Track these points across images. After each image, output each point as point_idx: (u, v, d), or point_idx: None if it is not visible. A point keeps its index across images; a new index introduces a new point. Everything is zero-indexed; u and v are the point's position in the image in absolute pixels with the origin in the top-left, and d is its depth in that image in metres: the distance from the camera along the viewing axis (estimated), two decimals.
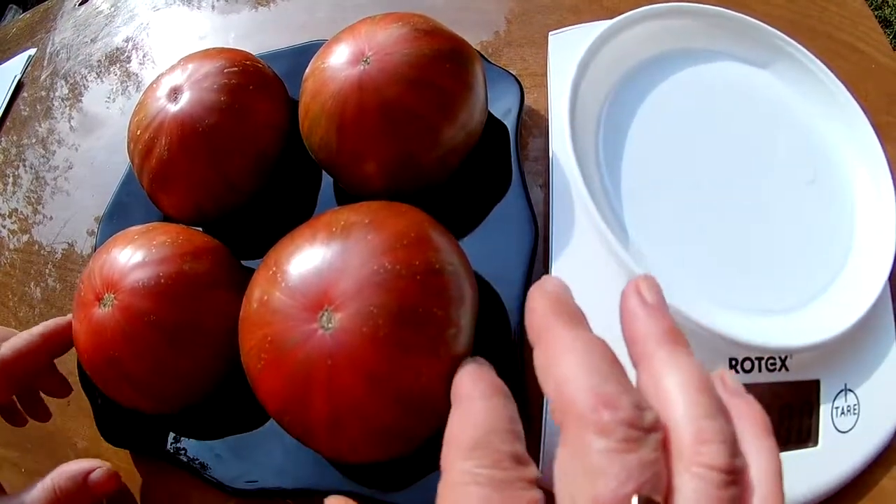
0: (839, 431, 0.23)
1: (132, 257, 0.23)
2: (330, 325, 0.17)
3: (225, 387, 0.23)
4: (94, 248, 0.26)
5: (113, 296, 0.22)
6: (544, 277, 0.16)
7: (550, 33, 0.28)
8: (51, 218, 0.36)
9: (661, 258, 0.23)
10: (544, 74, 0.28)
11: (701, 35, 0.28)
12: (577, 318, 0.15)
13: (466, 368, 0.17)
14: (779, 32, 0.29)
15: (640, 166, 0.25)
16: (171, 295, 0.22)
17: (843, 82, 0.29)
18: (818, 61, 0.29)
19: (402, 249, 0.18)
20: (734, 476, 0.13)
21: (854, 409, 0.24)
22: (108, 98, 0.40)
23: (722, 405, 0.14)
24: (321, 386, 0.17)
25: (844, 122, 0.28)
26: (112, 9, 0.45)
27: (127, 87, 0.41)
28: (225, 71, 0.24)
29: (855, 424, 0.23)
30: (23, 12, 0.66)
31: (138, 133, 0.24)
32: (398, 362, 0.17)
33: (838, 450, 0.23)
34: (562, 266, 0.22)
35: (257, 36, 0.39)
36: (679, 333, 0.15)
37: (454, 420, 0.15)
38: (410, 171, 0.22)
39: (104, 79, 0.42)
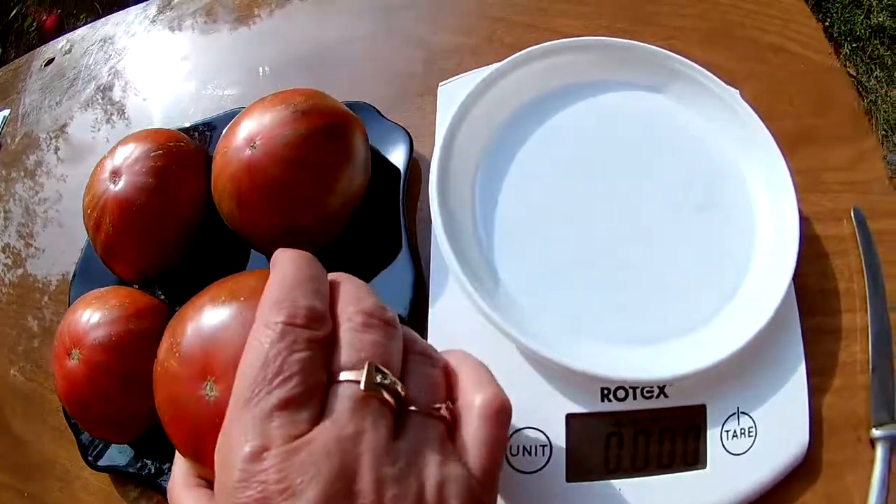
0: (731, 454, 0.24)
1: (91, 318, 0.28)
2: (212, 394, 0.19)
3: None
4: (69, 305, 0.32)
5: (78, 351, 0.27)
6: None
7: (440, 84, 0.29)
8: (43, 251, 0.38)
9: (533, 299, 0.25)
10: None
11: (590, 68, 0.29)
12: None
13: (280, 249, 0.20)
14: (671, 53, 0.29)
15: (517, 208, 0.26)
16: (120, 349, 0.27)
17: (747, 99, 0.29)
18: (716, 78, 0.29)
19: None
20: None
21: (749, 432, 0.24)
22: (94, 127, 0.42)
23: None
24: (213, 441, 0.20)
25: (745, 139, 0.28)
26: (100, 31, 0.46)
27: (111, 115, 0.42)
28: (151, 154, 0.28)
29: (751, 446, 0.24)
30: None
31: (89, 211, 0.29)
32: None
33: (730, 472, 0.24)
34: (437, 314, 0.25)
35: (242, 52, 0.40)
36: None
37: (269, 281, 0.18)
38: (299, 237, 0.26)
39: (88, 109, 0.43)
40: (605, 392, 0.25)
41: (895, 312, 0.29)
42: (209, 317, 0.21)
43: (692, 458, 0.24)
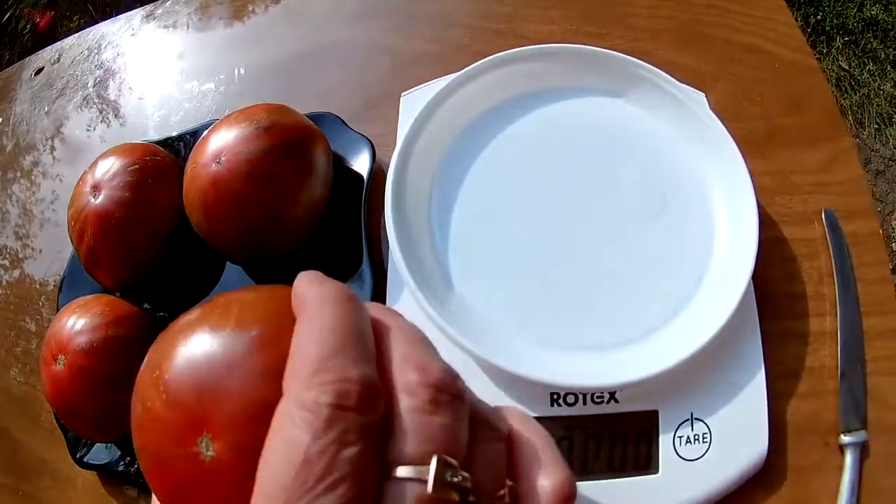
0: (684, 460, 0.24)
1: (74, 326, 0.29)
2: (208, 453, 0.16)
3: None
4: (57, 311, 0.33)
5: (63, 357, 0.29)
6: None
7: (403, 94, 0.30)
8: (40, 251, 0.40)
9: (487, 307, 0.25)
10: None
11: (550, 75, 0.29)
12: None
13: (305, 273, 0.15)
14: (633, 59, 0.28)
15: (474, 216, 0.26)
16: (100, 354, 0.28)
17: (716, 101, 0.29)
18: (677, 82, 0.28)
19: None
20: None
21: (704, 438, 0.24)
22: (89, 126, 0.43)
23: None
24: None
25: (706, 143, 0.28)
26: (87, 40, 0.47)
27: (100, 121, 0.43)
28: (128, 170, 0.30)
29: (705, 453, 0.24)
30: None
31: (72, 223, 0.31)
32: None
33: (683, 477, 0.24)
34: None
35: (224, 57, 0.41)
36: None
37: (299, 331, 0.14)
38: (263, 247, 0.27)
39: (78, 115, 0.44)
40: (555, 397, 0.25)
41: (869, 317, 0.29)
42: (205, 351, 0.16)
43: (644, 463, 0.24)
